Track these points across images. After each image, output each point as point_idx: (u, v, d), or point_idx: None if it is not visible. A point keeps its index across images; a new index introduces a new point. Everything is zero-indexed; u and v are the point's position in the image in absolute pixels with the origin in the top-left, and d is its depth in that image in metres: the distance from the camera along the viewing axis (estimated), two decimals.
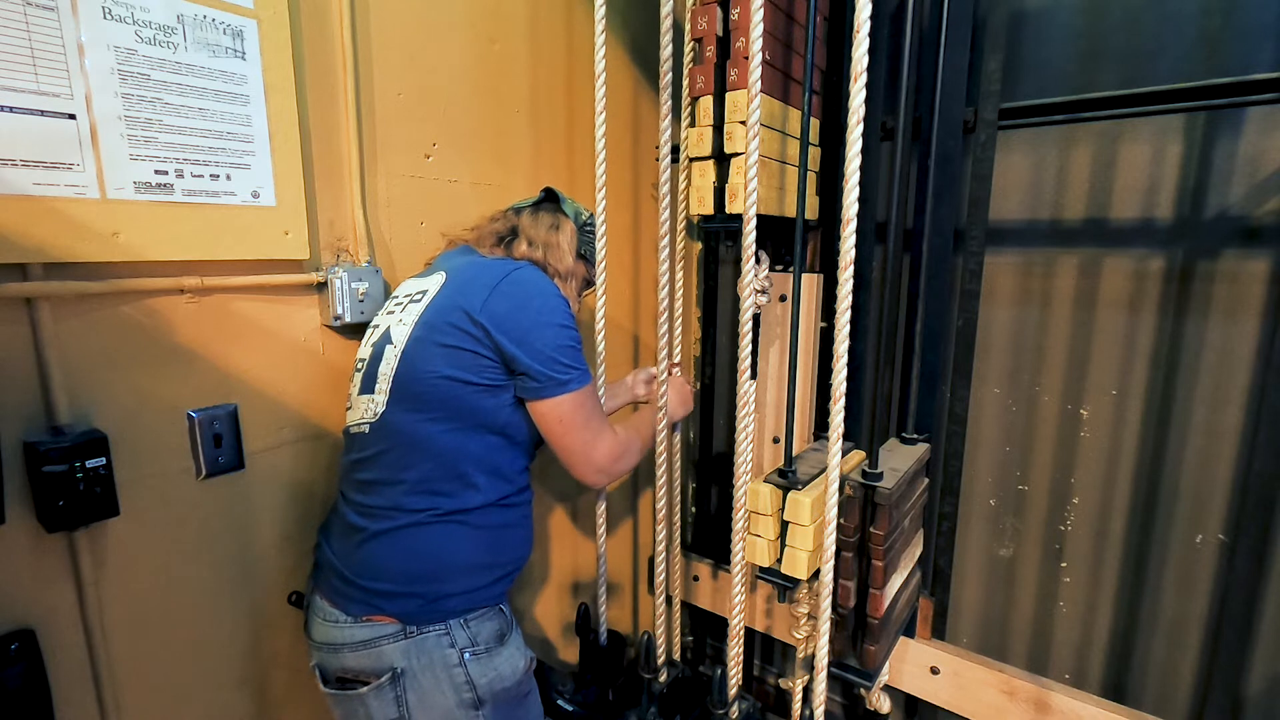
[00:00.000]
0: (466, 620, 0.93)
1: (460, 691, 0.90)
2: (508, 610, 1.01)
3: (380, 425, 0.92)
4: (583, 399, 0.96)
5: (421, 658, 0.89)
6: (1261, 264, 1.10)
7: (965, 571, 1.44)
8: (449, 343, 0.89)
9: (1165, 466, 1.22)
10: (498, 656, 0.94)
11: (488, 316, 0.89)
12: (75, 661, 0.87)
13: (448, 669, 0.90)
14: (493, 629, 0.96)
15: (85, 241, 0.83)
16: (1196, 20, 1.10)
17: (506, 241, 1.06)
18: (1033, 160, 1.27)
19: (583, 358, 0.96)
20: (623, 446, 1.04)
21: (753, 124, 1.01)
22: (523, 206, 1.12)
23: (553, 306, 0.94)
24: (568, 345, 0.94)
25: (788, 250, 1.38)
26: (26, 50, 0.76)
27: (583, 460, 0.98)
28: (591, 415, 0.98)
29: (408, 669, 0.88)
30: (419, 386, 0.90)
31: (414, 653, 0.89)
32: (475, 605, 0.94)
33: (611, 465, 1.01)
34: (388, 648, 0.88)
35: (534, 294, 0.94)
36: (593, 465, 0.99)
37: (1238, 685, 1.16)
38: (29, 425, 0.81)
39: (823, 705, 1.14)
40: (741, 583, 1.20)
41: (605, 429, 1.01)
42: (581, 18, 1.47)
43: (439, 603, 0.90)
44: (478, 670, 0.92)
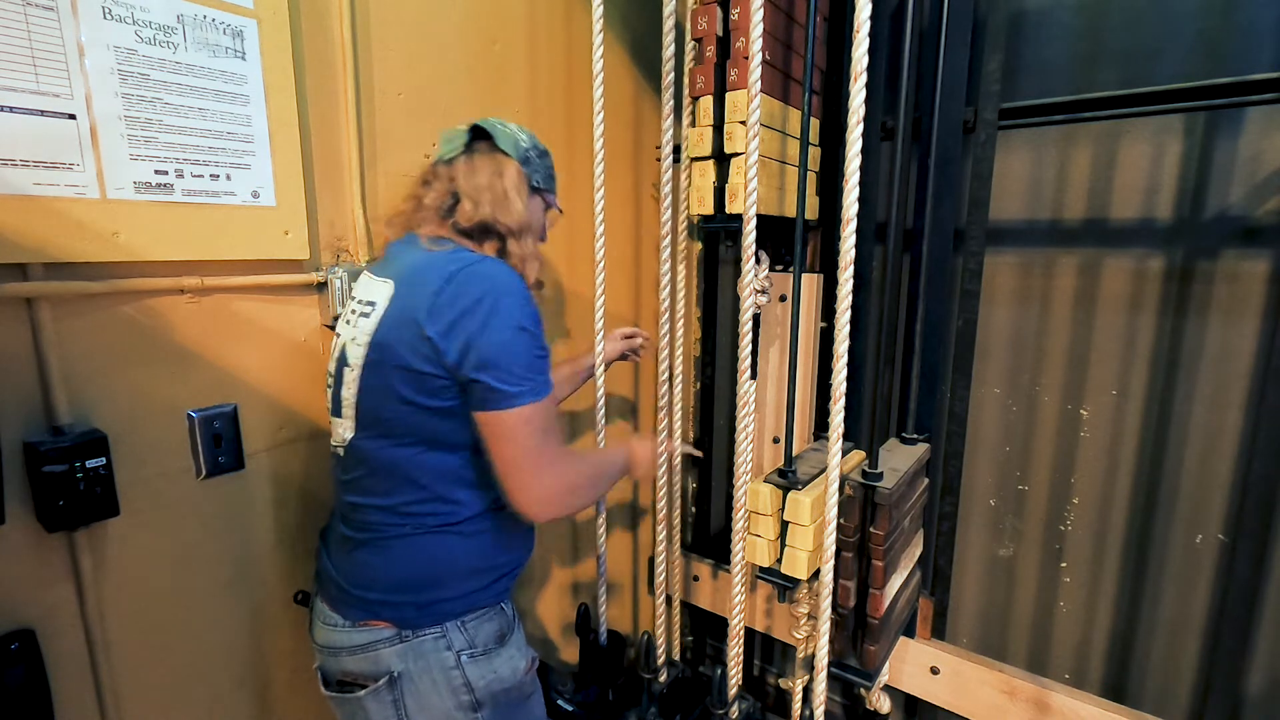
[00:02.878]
0: (464, 622, 0.91)
1: (458, 694, 0.89)
2: (510, 609, 0.99)
3: (352, 450, 0.89)
4: (533, 415, 0.83)
5: (418, 661, 0.88)
6: (1261, 264, 1.10)
7: (965, 571, 1.44)
8: (403, 364, 0.83)
9: (1165, 466, 1.22)
10: (497, 658, 0.92)
11: (436, 329, 0.81)
12: (75, 661, 0.87)
13: (445, 671, 0.88)
14: (492, 630, 0.93)
15: (85, 241, 0.83)
16: (1196, 20, 1.10)
17: (447, 211, 0.93)
18: (1033, 160, 1.27)
19: (543, 367, 0.85)
20: (576, 480, 0.91)
21: (753, 124, 1.01)
22: (453, 156, 0.96)
23: (506, 307, 0.83)
24: (521, 352, 0.83)
25: (788, 250, 1.38)
26: (26, 50, 0.76)
27: (523, 487, 0.85)
28: (544, 436, 0.85)
29: (405, 672, 0.87)
30: (381, 413, 0.86)
31: (410, 656, 0.88)
32: (473, 607, 0.92)
33: (558, 499, 0.87)
34: (384, 652, 0.88)
35: (484, 294, 0.82)
36: (533, 494, 0.85)
37: (1238, 685, 1.16)
38: (29, 425, 0.81)
39: (823, 705, 1.14)
40: (741, 583, 1.20)
41: (561, 456, 0.88)
42: (581, 18, 1.47)
43: (434, 606, 0.89)
44: (475, 672, 0.90)
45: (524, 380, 0.82)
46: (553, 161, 1.04)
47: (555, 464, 0.87)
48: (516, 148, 0.97)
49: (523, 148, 0.98)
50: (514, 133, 0.98)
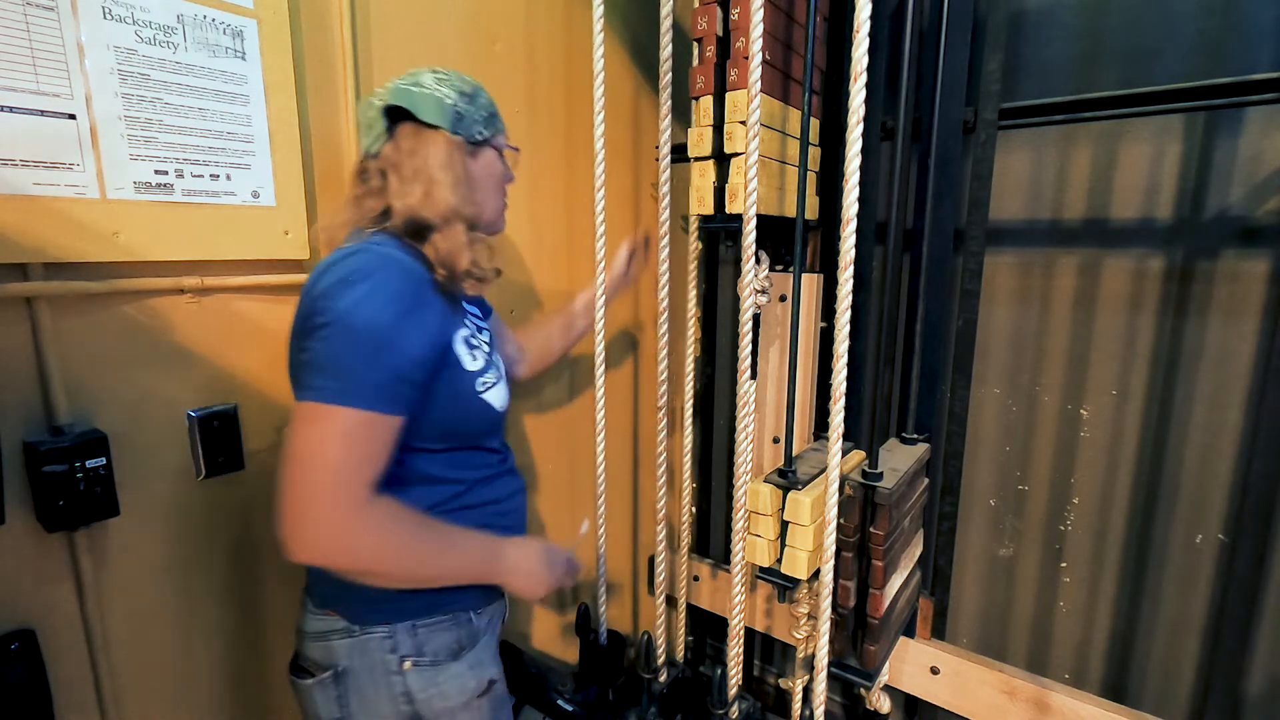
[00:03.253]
0: (416, 626, 0.84)
1: (398, 703, 0.83)
2: (478, 621, 0.90)
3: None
4: (325, 420, 0.69)
5: (363, 659, 0.83)
6: (1261, 264, 1.10)
7: (965, 571, 1.44)
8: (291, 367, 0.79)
9: (1165, 466, 1.22)
10: (444, 672, 0.85)
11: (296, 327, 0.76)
12: (75, 661, 0.87)
13: (387, 675, 0.83)
14: (446, 640, 0.86)
15: (85, 241, 0.83)
16: (1196, 20, 1.10)
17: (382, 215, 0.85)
18: (1033, 160, 1.27)
19: (365, 375, 0.70)
20: (370, 539, 0.72)
21: (753, 124, 1.01)
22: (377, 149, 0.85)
23: (350, 295, 0.71)
24: (339, 344, 0.70)
25: (788, 250, 1.38)
26: (26, 50, 0.76)
27: (284, 511, 0.70)
28: (326, 455, 0.69)
29: (350, 669, 0.83)
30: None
31: (357, 653, 0.83)
32: (429, 611, 0.85)
33: (325, 545, 0.70)
34: (336, 644, 0.83)
35: (337, 281, 0.72)
36: (289, 521, 0.69)
37: (1238, 685, 1.16)
38: (29, 425, 0.81)
39: (823, 705, 1.14)
40: (741, 583, 1.20)
41: (360, 499, 0.70)
42: (581, 18, 1.47)
43: (384, 605, 0.82)
44: (418, 683, 0.83)
45: (327, 374, 0.69)
46: (487, 98, 0.91)
47: (337, 499, 0.69)
48: (442, 111, 0.84)
49: (449, 106, 0.85)
50: (434, 90, 0.85)
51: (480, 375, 0.86)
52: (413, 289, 0.76)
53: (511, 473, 0.99)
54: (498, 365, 0.92)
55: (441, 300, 0.80)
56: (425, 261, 0.81)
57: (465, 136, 0.87)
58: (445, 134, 0.85)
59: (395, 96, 0.84)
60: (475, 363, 0.85)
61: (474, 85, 0.90)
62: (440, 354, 0.79)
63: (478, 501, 0.90)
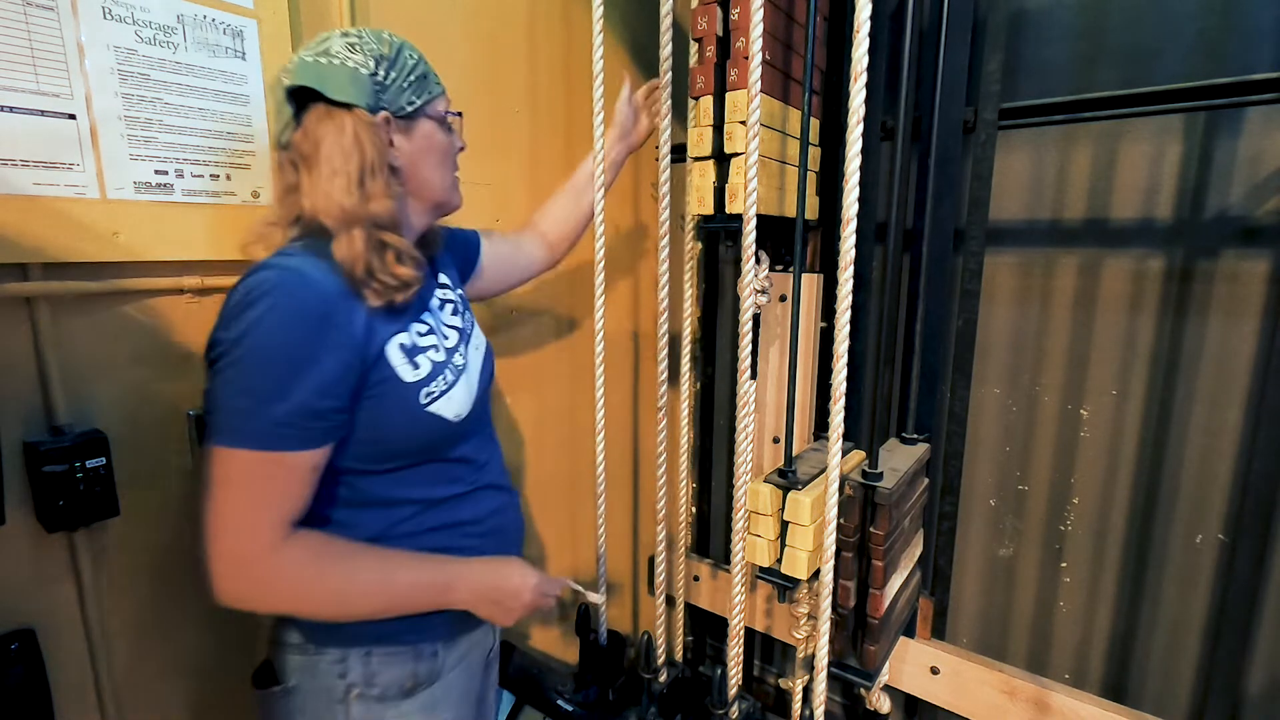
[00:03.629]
0: (371, 653, 0.77)
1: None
2: (444, 656, 0.82)
3: None
4: (223, 462, 0.65)
5: (313, 680, 0.77)
6: (1261, 264, 1.10)
7: (965, 571, 1.44)
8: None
9: (1165, 466, 1.22)
10: (390, 709, 0.78)
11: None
12: (75, 661, 0.87)
13: (331, 703, 0.77)
14: (398, 675, 0.78)
15: (85, 241, 0.83)
16: (1196, 20, 1.10)
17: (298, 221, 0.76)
18: (1033, 160, 1.27)
19: (275, 415, 0.64)
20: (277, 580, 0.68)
21: (753, 124, 1.01)
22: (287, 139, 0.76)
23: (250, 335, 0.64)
24: (231, 378, 0.65)
25: (788, 250, 1.38)
26: (26, 50, 0.76)
27: (207, 552, 0.66)
28: (231, 501, 0.65)
29: (299, 688, 0.78)
30: None
31: (308, 673, 0.77)
32: (387, 639, 0.78)
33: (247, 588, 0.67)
34: (290, 658, 0.78)
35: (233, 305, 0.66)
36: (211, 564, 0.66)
37: (1238, 685, 1.16)
38: (29, 425, 0.81)
39: (823, 705, 1.14)
40: (741, 583, 1.19)
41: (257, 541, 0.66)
42: (581, 17, 1.47)
43: (339, 627, 0.76)
44: (360, 715, 0.77)
45: (222, 414, 0.65)
46: (414, 57, 0.78)
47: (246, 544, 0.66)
48: (356, 84, 0.72)
49: (364, 77, 0.73)
50: (345, 59, 0.72)
51: (425, 385, 0.75)
52: (316, 307, 0.66)
53: (492, 488, 0.89)
54: (453, 366, 0.81)
55: (366, 310, 0.71)
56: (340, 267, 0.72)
57: (392, 110, 0.75)
58: (358, 115, 0.72)
59: (300, 74, 0.72)
60: (417, 372, 0.75)
61: (395, 44, 0.77)
62: (363, 372, 0.70)
63: (447, 522, 0.82)
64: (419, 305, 0.81)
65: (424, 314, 0.81)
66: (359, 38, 0.75)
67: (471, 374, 0.84)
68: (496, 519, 0.89)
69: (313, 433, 0.67)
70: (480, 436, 0.89)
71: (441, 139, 0.83)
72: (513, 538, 0.93)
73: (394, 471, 0.77)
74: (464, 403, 0.80)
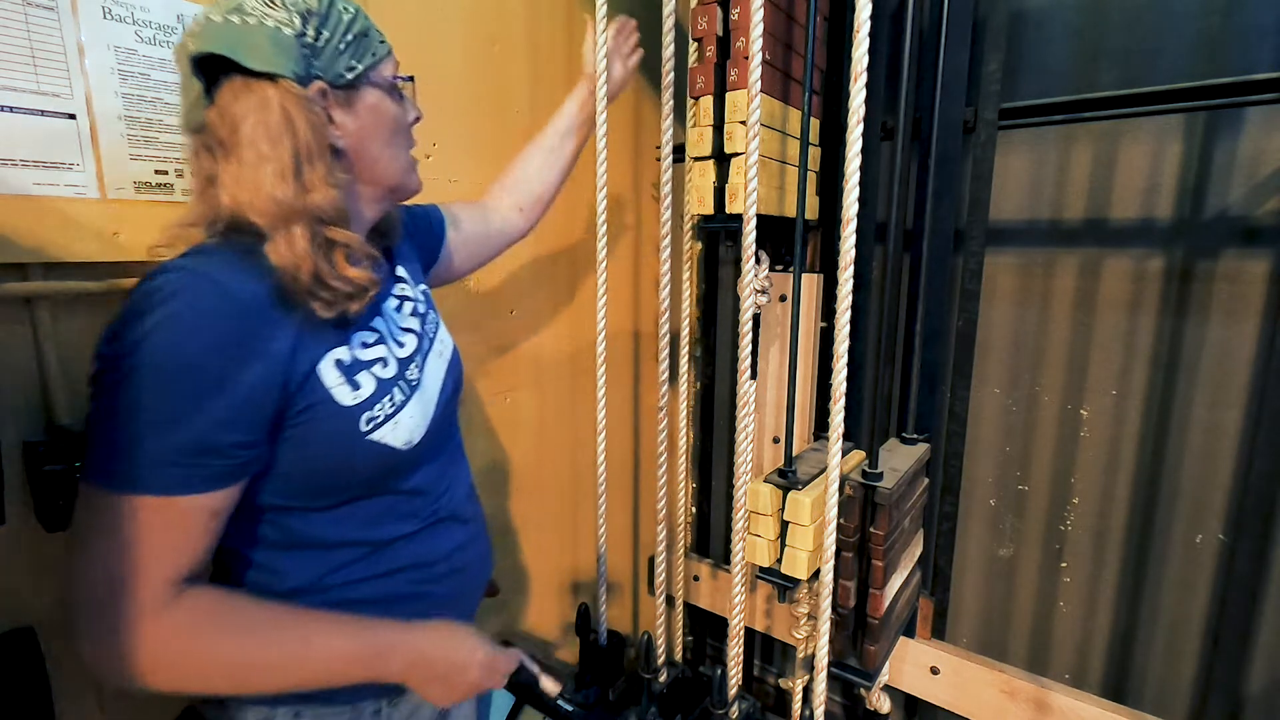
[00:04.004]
0: (299, 714, 0.67)
1: None
2: (388, 715, 0.72)
3: None
4: (95, 507, 0.54)
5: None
6: (1261, 264, 1.10)
7: (965, 571, 1.44)
8: None
9: (1165, 466, 1.22)
10: None
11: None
12: (75, 661, 0.86)
13: None
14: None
15: (85, 241, 0.83)
16: (1196, 20, 1.10)
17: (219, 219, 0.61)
18: (1033, 160, 1.27)
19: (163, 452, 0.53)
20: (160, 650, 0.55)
21: (753, 124, 1.01)
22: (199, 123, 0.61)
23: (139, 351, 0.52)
24: (124, 409, 0.53)
25: (788, 250, 1.38)
26: (26, 50, 0.76)
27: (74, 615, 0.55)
28: (102, 554, 0.53)
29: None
30: None
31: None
32: (322, 697, 0.68)
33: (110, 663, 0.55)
34: (211, 712, 0.69)
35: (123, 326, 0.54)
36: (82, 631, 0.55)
37: (1238, 685, 1.16)
38: (29, 425, 0.81)
39: (823, 705, 1.14)
40: (741, 583, 1.19)
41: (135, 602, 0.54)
42: (581, 17, 1.47)
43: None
44: None
45: (99, 446, 0.54)
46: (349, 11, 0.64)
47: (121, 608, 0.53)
48: (279, 48, 0.58)
49: (288, 39, 0.59)
50: (262, 17, 0.58)
51: (366, 409, 0.64)
52: (227, 318, 0.55)
53: (453, 520, 0.77)
54: (404, 383, 0.69)
55: (296, 321, 0.59)
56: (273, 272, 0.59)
57: (328, 79, 0.62)
58: (285, 86, 0.59)
59: (208, 38, 0.58)
60: (358, 393, 0.63)
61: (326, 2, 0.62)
62: (286, 397, 0.59)
63: (396, 566, 0.70)
64: (369, 309, 0.68)
65: (374, 319, 0.70)
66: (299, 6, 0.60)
67: (428, 391, 0.72)
68: (458, 557, 0.77)
69: (211, 472, 0.55)
70: (439, 461, 0.76)
71: (391, 110, 0.68)
72: (475, 576, 0.82)
73: (330, 509, 0.66)
74: (416, 427, 0.69)
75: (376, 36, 0.68)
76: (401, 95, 0.71)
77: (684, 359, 1.39)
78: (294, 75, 0.59)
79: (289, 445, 0.60)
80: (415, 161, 0.75)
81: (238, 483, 0.58)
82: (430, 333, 0.79)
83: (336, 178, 0.63)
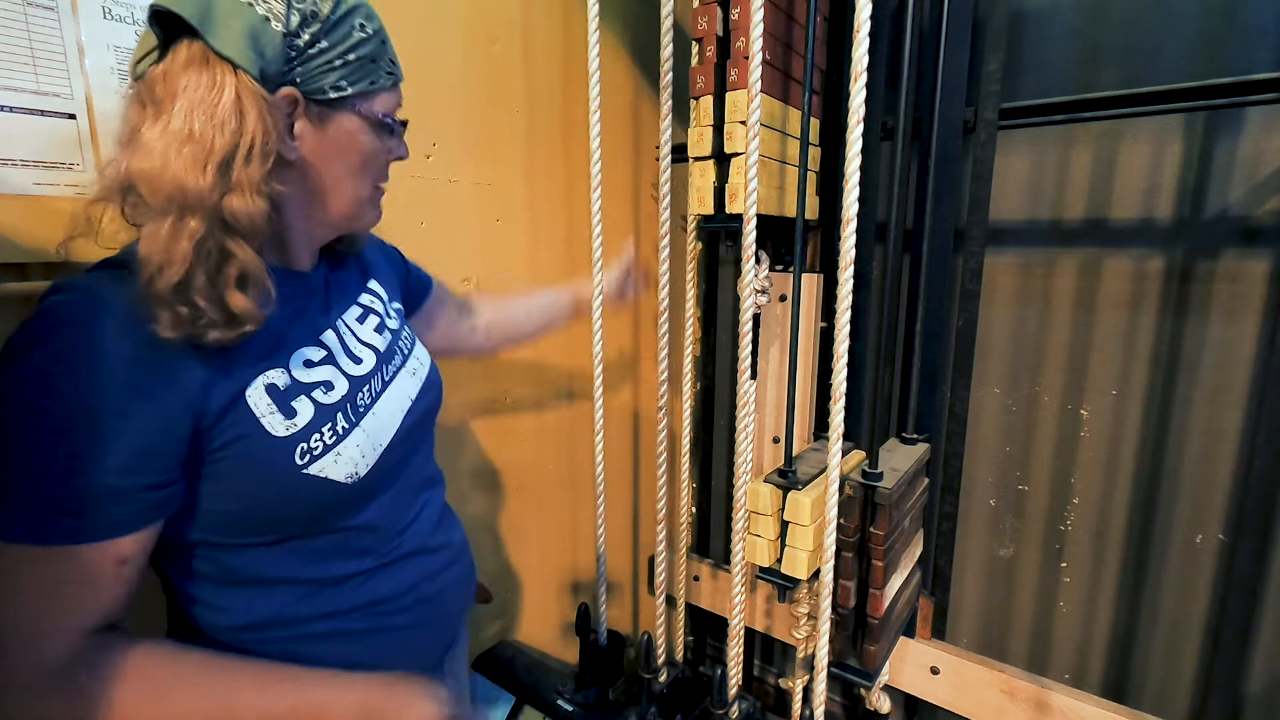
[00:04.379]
0: None
1: None
2: None
3: None
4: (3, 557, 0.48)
5: None
6: (1261, 264, 1.10)
7: (965, 571, 1.44)
8: None
9: (1165, 466, 1.22)
10: None
11: None
12: None
13: None
14: None
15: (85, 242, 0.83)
16: (1196, 20, 1.10)
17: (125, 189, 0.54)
18: (1033, 160, 1.27)
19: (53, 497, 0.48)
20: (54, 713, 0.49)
21: (753, 124, 1.01)
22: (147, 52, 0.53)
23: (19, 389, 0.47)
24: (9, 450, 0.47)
25: (788, 250, 1.38)
26: (26, 50, 0.76)
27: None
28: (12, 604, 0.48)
29: None
30: None
31: None
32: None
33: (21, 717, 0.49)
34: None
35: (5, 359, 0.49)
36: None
37: (1238, 685, 1.16)
38: None
39: (823, 705, 1.14)
40: (741, 583, 1.19)
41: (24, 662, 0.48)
42: (580, 18, 1.47)
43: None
44: None
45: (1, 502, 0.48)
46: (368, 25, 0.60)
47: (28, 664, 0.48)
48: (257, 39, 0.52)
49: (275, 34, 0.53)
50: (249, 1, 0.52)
51: (301, 440, 0.57)
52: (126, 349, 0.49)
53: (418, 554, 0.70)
54: (350, 409, 0.62)
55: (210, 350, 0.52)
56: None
57: (304, 90, 0.56)
58: (244, 79, 0.52)
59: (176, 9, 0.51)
60: (291, 422, 0.57)
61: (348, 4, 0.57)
62: (203, 430, 0.53)
63: (352, 604, 0.64)
64: (321, 320, 0.64)
65: (324, 333, 0.63)
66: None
67: (382, 417, 0.65)
68: (425, 587, 0.70)
69: (117, 518, 0.50)
70: (395, 492, 0.68)
71: (366, 143, 0.62)
72: (449, 603, 0.75)
73: (269, 545, 0.59)
74: (362, 459, 0.61)
75: (385, 66, 0.62)
76: (390, 131, 0.64)
77: (684, 359, 1.39)
78: (258, 73, 0.52)
79: (213, 481, 0.55)
80: (378, 195, 0.68)
81: (147, 527, 0.53)
82: (404, 348, 0.73)
83: (271, 188, 0.54)
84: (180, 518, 0.56)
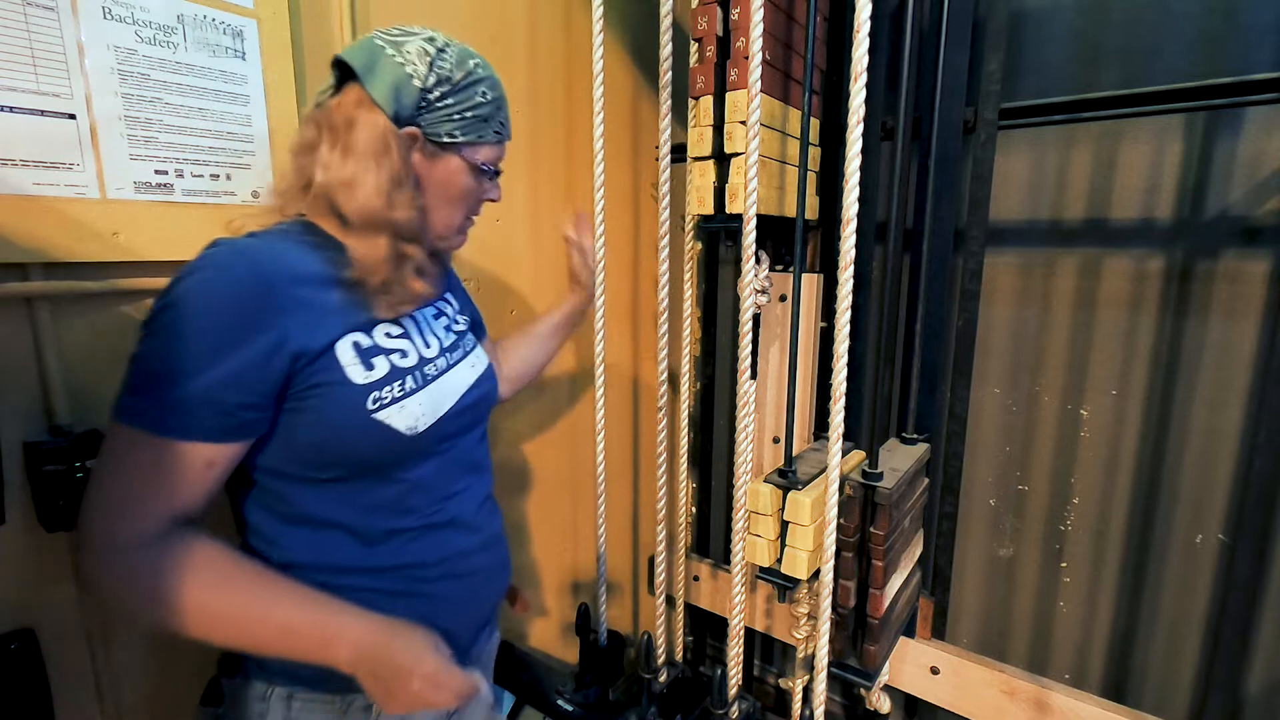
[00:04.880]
0: (292, 696, 0.70)
1: None
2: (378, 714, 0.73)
3: None
4: (117, 438, 0.61)
5: (240, 709, 0.72)
6: (1261, 264, 1.10)
7: (965, 571, 1.44)
8: None
9: (1165, 466, 1.22)
10: None
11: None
12: (75, 661, 0.87)
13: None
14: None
15: (85, 241, 0.83)
16: (1196, 20, 1.10)
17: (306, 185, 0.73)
18: (1033, 160, 1.27)
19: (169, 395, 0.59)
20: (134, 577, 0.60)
21: (753, 124, 1.01)
22: (322, 99, 0.74)
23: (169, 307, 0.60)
24: (141, 356, 0.61)
25: (788, 250, 1.38)
26: (26, 50, 0.76)
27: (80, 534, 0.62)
28: (104, 480, 0.62)
29: (227, 715, 0.73)
30: None
31: (237, 699, 0.72)
32: (312, 682, 0.70)
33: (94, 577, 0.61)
34: (225, 682, 0.74)
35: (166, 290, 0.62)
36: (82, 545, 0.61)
37: (1238, 685, 1.16)
38: (29, 425, 0.81)
39: (823, 705, 1.14)
40: (741, 583, 1.19)
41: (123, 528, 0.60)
42: (581, 17, 1.47)
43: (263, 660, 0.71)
44: None
45: (125, 385, 0.61)
46: (490, 95, 0.76)
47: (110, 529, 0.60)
48: (398, 91, 0.69)
49: (414, 89, 0.70)
50: (406, 61, 0.69)
51: (375, 389, 0.68)
52: (252, 287, 0.62)
53: (459, 527, 0.79)
54: (419, 374, 0.73)
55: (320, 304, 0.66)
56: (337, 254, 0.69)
57: (426, 131, 0.72)
58: (383, 119, 0.69)
59: (357, 51, 0.71)
60: (370, 373, 0.68)
61: (476, 75, 0.74)
62: (295, 370, 0.64)
63: (388, 563, 0.72)
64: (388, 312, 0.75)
65: (406, 317, 0.76)
66: (440, 50, 0.72)
67: (444, 387, 0.76)
68: (458, 563, 0.78)
69: (212, 425, 0.61)
70: (450, 460, 0.78)
71: (464, 182, 0.77)
72: (482, 584, 0.82)
73: (329, 483, 0.69)
74: (423, 415, 0.72)
75: (494, 127, 0.77)
76: (490, 177, 0.81)
77: (684, 359, 1.39)
78: (393, 114, 0.69)
79: (294, 415, 0.65)
80: (467, 225, 0.83)
81: (237, 442, 0.63)
82: (466, 346, 0.85)
83: (417, 201, 0.73)
84: (260, 444, 0.66)
